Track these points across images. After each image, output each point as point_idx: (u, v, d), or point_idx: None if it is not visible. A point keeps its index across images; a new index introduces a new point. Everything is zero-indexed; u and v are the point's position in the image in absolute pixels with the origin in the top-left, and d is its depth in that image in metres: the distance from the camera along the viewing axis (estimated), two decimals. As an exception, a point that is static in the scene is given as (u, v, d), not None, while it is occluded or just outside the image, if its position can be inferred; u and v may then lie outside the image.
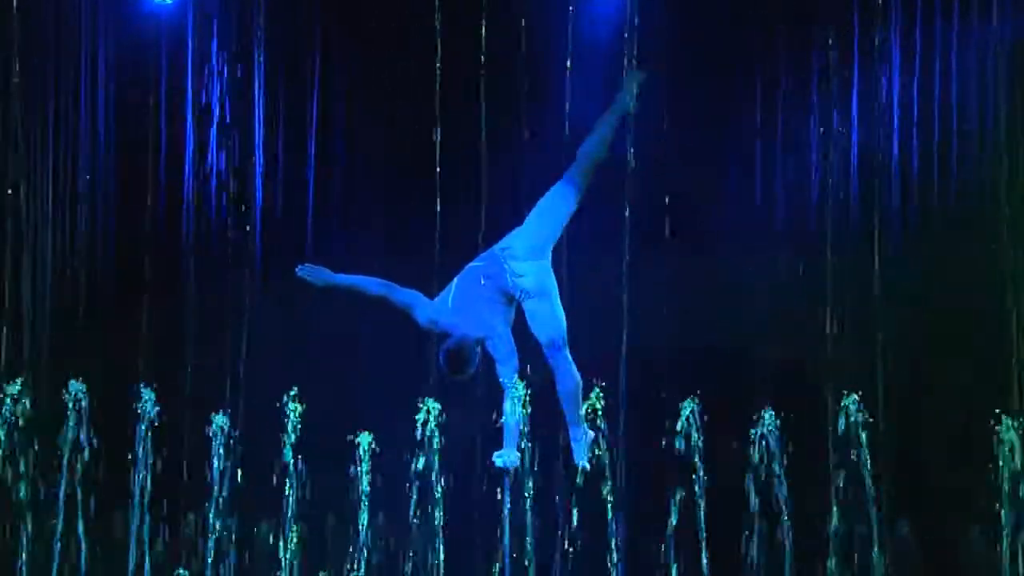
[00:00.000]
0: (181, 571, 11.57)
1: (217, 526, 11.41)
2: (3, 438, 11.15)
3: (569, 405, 8.58)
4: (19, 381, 11.26)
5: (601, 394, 10.25)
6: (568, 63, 12.09)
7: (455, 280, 8.73)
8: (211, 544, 11.37)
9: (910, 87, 12.26)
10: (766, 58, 12.35)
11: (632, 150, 11.77)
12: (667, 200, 12.15)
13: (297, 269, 8.58)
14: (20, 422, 11.13)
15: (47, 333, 12.55)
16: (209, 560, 11.38)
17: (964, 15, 12.07)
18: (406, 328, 11.10)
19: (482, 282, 8.63)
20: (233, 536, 11.49)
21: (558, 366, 8.58)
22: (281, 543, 11.30)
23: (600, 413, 10.21)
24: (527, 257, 8.67)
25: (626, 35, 11.93)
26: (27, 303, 12.56)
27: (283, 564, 11.29)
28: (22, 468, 11.26)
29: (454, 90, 12.24)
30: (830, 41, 12.19)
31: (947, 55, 12.16)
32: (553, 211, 8.81)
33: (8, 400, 11.13)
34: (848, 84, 12.30)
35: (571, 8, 12.17)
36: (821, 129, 12.37)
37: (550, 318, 8.60)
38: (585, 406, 9.58)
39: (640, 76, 8.97)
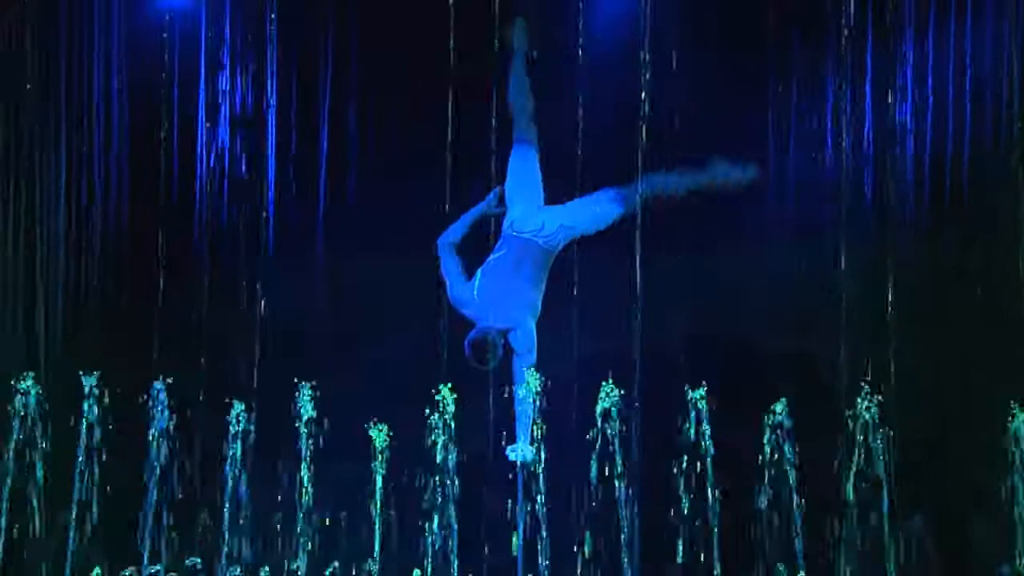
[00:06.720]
0: (195, 559, 11.61)
1: (232, 516, 11.43)
2: (16, 432, 11.19)
3: (685, 182, 8.71)
4: (30, 375, 11.29)
5: (614, 389, 10.29)
6: (580, 53, 12.09)
7: (479, 272, 8.77)
8: (226, 533, 11.39)
9: (925, 76, 12.27)
10: (776, 51, 12.34)
11: (643, 144, 11.78)
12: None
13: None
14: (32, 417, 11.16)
15: (59, 325, 12.60)
16: (224, 550, 11.40)
17: (980, 5, 12.08)
18: (421, 317, 11.19)
19: (516, 265, 8.68)
20: (247, 525, 11.52)
21: (647, 193, 8.68)
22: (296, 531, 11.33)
23: (614, 407, 10.25)
24: (532, 214, 8.75)
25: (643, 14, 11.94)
26: (40, 295, 12.62)
27: (298, 553, 11.31)
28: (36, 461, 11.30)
29: (467, 80, 12.25)
30: (844, 33, 12.19)
31: (964, 45, 12.16)
32: (523, 172, 8.92)
33: (32, 393, 11.16)
34: (862, 74, 12.30)
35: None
36: (836, 118, 12.40)
37: (593, 208, 8.76)
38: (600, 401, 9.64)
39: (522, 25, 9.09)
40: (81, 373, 11.13)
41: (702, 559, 10.82)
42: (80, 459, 11.17)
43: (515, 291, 8.77)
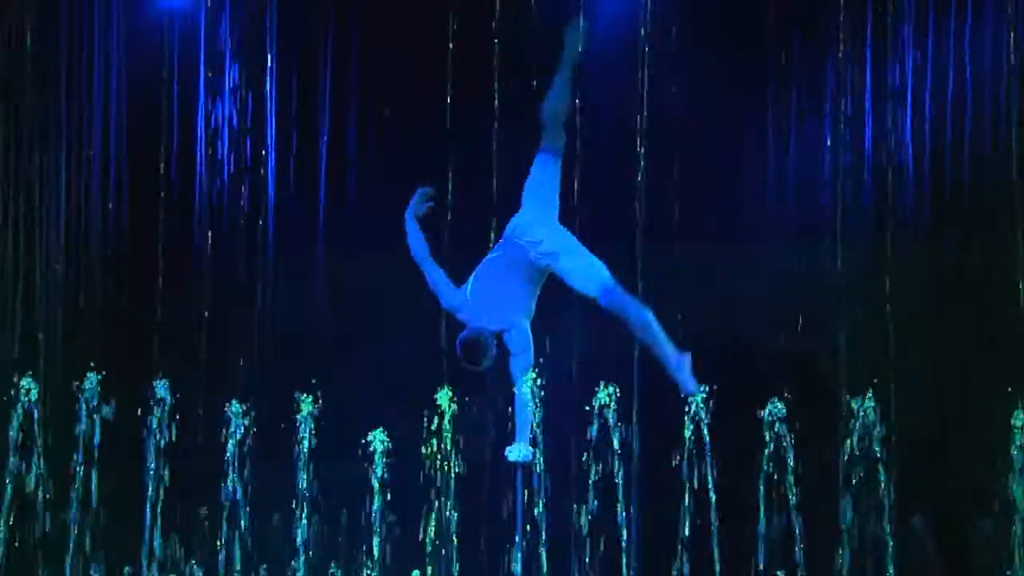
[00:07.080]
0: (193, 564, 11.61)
1: (229, 519, 11.42)
2: (16, 431, 11.19)
3: (652, 337, 8.49)
4: (30, 375, 11.29)
5: (613, 390, 10.28)
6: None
7: (473, 273, 8.74)
8: (223, 538, 11.38)
9: (925, 76, 12.26)
10: (776, 51, 12.33)
11: (644, 144, 11.78)
12: (679, 192, 12.17)
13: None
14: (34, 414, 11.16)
15: (59, 325, 12.61)
16: (221, 554, 11.40)
17: (979, 5, 12.07)
18: (421, 319, 11.18)
19: (507, 269, 8.63)
20: (245, 529, 11.51)
21: (621, 307, 8.50)
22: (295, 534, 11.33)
23: (612, 408, 10.25)
24: (536, 226, 8.68)
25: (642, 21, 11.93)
26: (40, 295, 12.62)
27: (297, 558, 11.31)
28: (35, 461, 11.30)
29: (466, 82, 12.25)
30: (841, 36, 12.19)
31: (962, 46, 12.15)
32: (541, 181, 8.82)
33: (32, 393, 11.16)
34: (862, 74, 12.29)
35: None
36: (836, 118, 12.40)
37: (586, 267, 8.58)
38: (597, 402, 9.60)
39: (581, 25, 8.93)
40: (81, 373, 11.14)
41: (702, 559, 10.82)
42: (79, 459, 11.17)
43: (508, 293, 8.70)
